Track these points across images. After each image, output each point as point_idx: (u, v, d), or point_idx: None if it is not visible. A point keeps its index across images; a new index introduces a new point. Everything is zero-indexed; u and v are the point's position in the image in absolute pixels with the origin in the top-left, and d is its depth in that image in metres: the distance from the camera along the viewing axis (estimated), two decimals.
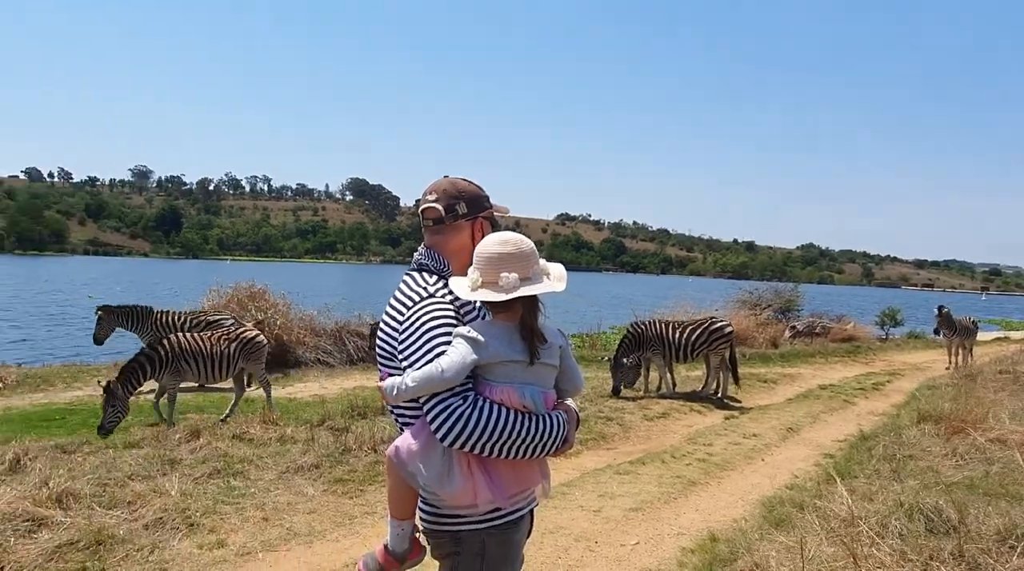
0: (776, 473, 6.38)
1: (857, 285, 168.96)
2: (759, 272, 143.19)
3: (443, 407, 1.77)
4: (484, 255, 1.89)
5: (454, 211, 2.03)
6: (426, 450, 1.84)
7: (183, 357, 7.84)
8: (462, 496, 1.82)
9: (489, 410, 1.78)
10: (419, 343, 1.86)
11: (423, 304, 1.92)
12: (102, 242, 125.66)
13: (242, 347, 8.37)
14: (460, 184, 2.07)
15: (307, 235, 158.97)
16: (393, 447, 1.90)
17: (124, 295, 35.18)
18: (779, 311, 22.45)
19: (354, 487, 5.43)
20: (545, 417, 1.86)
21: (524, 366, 1.84)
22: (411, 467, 1.85)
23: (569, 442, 1.93)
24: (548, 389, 1.91)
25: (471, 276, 1.89)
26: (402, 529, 2.01)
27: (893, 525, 4.11)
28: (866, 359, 16.97)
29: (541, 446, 1.84)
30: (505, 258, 1.87)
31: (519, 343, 1.85)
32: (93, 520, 4.30)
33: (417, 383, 1.78)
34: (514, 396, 1.81)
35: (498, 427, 1.77)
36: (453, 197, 2.04)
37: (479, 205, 2.07)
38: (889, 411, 9.69)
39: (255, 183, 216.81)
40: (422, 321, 1.88)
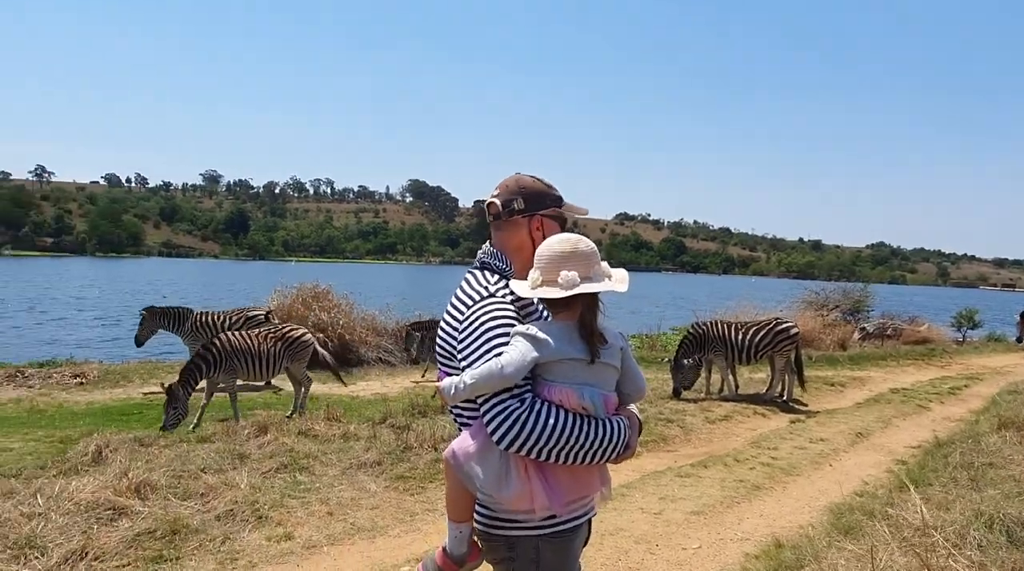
0: (845, 479, 6.17)
1: (931, 285, 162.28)
2: (826, 272, 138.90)
3: (499, 408, 1.73)
4: (544, 254, 1.86)
5: (510, 206, 1.99)
6: (483, 452, 1.80)
7: (234, 355, 8.07)
8: (519, 501, 1.78)
9: (547, 414, 1.73)
10: (478, 342, 1.82)
11: (483, 303, 1.89)
12: (175, 244, 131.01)
13: (287, 346, 8.53)
14: (524, 180, 2.03)
15: (368, 236, 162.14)
16: (450, 449, 1.87)
17: (195, 296, 36.58)
18: (847, 312, 21.73)
19: (415, 484, 5.51)
20: (605, 422, 1.80)
21: (584, 365, 1.80)
22: (467, 469, 1.82)
23: (631, 448, 1.87)
24: (609, 392, 1.87)
25: (532, 275, 1.86)
26: (460, 532, 1.97)
27: (971, 536, 3.92)
28: (941, 362, 16.27)
29: (600, 452, 1.78)
30: (565, 257, 1.84)
31: (579, 342, 1.81)
32: (169, 510, 4.48)
33: (475, 381, 1.75)
34: (573, 397, 1.77)
35: (555, 431, 1.72)
36: (513, 193, 2.00)
37: (539, 202, 2.01)
38: (967, 417, 9.25)
39: (318, 186, 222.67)
40: (481, 320, 1.85)
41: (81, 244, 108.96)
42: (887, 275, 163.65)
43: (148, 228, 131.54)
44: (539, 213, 2.01)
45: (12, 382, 10.65)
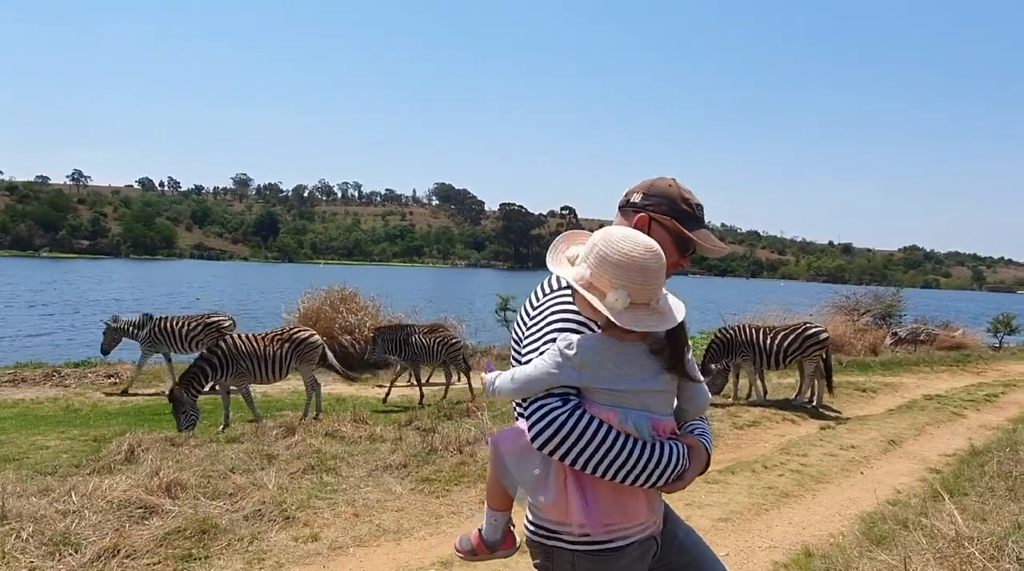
0: (876, 487, 6.05)
1: (966, 289, 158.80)
2: (857, 276, 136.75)
3: (538, 405, 1.61)
4: (601, 249, 1.60)
5: (628, 198, 1.91)
6: (525, 452, 1.69)
7: (240, 358, 8.03)
8: (554, 509, 1.68)
9: (588, 421, 1.59)
10: (538, 335, 1.71)
11: (556, 295, 1.76)
12: (206, 247, 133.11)
13: (295, 347, 8.46)
14: (659, 181, 1.91)
15: (395, 239, 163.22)
16: (495, 438, 1.78)
17: (229, 298, 37.13)
18: (879, 317, 21.36)
19: (440, 487, 5.52)
20: (657, 445, 1.64)
21: (633, 393, 1.62)
22: (507, 462, 1.72)
23: (683, 481, 1.69)
24: (661, 415, 1.68)
25: (579, 269, 1.63)
26: (495, 519, 1.93)
27: (1010, 548, 3.82)
28: (977, 368, 15.90)
29: (645, 475, 1.62)
30: (622, 271, 1.57)
31: (631, 368, 1.61)
32: (198, 509, 4.55)
33: (499, 384, 1.68)
34: (613, 419, 1.61)
35: (594, 441, 1.58)
36: (641, 188, 1.91)
37: (659, 204, 1.85)
38: (1004, 425, 9.02)
39: (346, 189, 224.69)
40: (549, 313, 1.74)
41: (116, 246, 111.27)
42: (920, 279, 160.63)
43: (180, 231, 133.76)
44: (648, 211, 1.86)
45: (49, 381, 10.91)
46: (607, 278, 1.57)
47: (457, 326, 14.32)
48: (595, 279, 1.59)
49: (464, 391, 11.06)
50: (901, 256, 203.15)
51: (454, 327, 14.19)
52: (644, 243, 1.61)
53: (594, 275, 1.59)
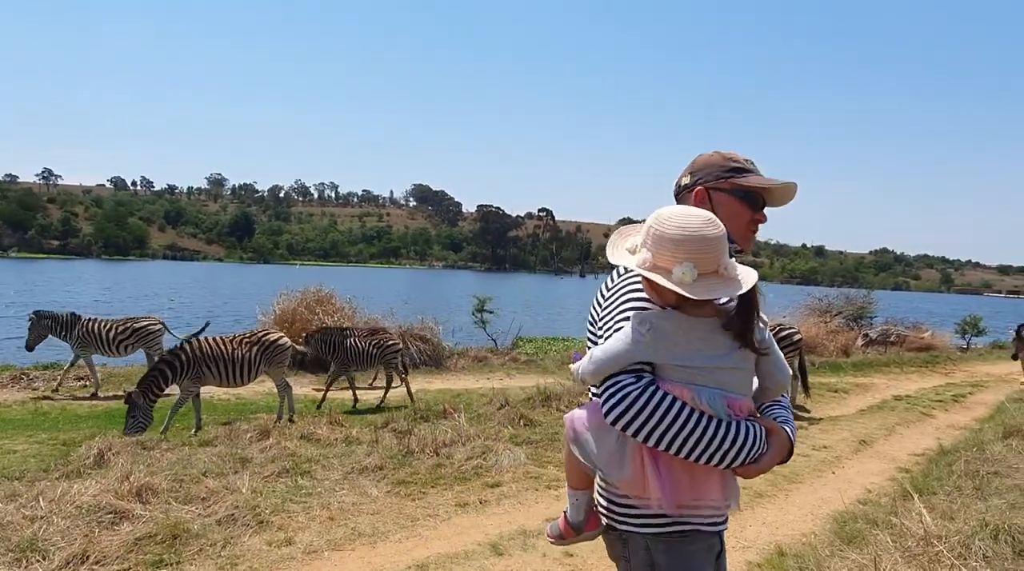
0: (848, 487, 6.14)
1: (935, 292, 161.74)
2: (829, 278, 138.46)
3: (611, 382, 1.60)
4: (659, 233, 1.59)
5: (679, 184, 1.91)
6: (604, 427, 1.66)
7: (204, 361, 7.78)
8: (632, 485, 1.67)
9: (660, 397, 1.57)
10: (613, 315, 1.71)
11: (627, 278, 1.75)
12: (180, 247, 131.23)
13: (264, 350, 8.25)
14: (701, 156, 1.90)
15: (372, 240, 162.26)
16: (571, 416, 1.76)
17: (203, 300, 36.68)
18: (851, 318, 21.69)
19: (416, 489, 5.50)
20: (733, 423, 1.60)
21: (707, 370, 1.61)
22: (583, 441, 1.71)
23: (760, 465, 1.65)
24: (738, 395, 1.66)
25: (641, 254, 1.62)
26: (576, 499, 1.90)
27: (976, 546, 3.90)
28: (945, 369, 16.21)
29: (720, 454, 1.59)
30: (678, 241, 1.56)
31: (705, 344, 1.60)
32: (170, 514, 4.48)
33: (582, 368, 1.68)
34: (687, 396, 1.59)
35: (667, 417, 1.56)
36: (684, 173, 1.90)
37: (706, 174, 1.85)
38: (971, 425, 9.21)
39: (323, 190, 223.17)
40: (625, 293, 1.72)
41: (87, 246, 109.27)
42: (890, 281, 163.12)
43: (153, 231, 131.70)
44: (701, 184, 1.85)
45: (17, 384, 10.68)
46: (669, 255, 1.56)
47: (435, 328, 14.28)
48: (658, 259, 1.58)
49: (400, 396, 11.01)
50: (872, 259, 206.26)
51: (432, 329, 14.17)
52: (696, 213, 1.61)
53: (656, 256, 1.58)
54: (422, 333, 14.00)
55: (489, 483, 5.73)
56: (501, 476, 5.90)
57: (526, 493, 5.56)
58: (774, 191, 1.85)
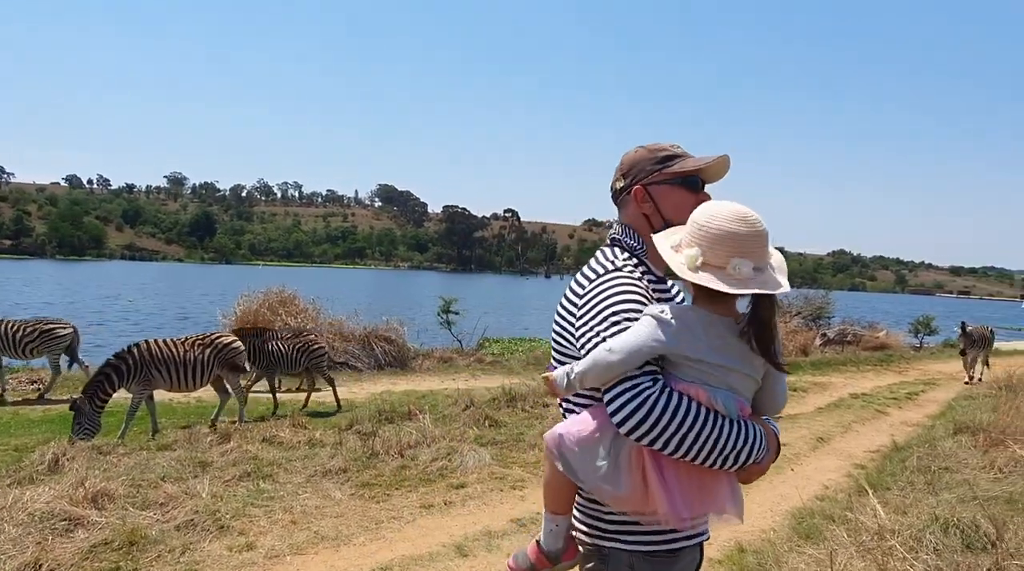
0: (806, 484, 6.28)
1: (890, 292, 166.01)
2: (789, 278, 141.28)
3: (627, 387, 1.49)
4: (711, 228, 1.54)
5: (614, 189, 1.85)
6: (595, 438, 1.57)
7: (153, 364, 7.49)
8: (631, 500, 1.55)
9: (680, 398, 1.49)
10: (596, 320, 1.60)
11: (607, 277, 1.67)
12: (138, 247, 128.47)
13: (217, 353, 7.97)
14: (627, 155, 1.84)
15: (337, 241, 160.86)
16: (554, 433, 1.63)
17: (164, 301, 35.94)
18: (809, 318, 22.17)
19: (381, 491, 5.47)
20: (743, 423, 1.54)
21: (722, 370, 1.54)
22: (574, 456, 1.58)
23: (762, 465, 1.59)
24: (745, 400, 1.60)
25: (688, 252, 1.56)
26: (556, 525, 1.76)
27: (927, 540, 4.03)
28: (899, 368, 16.66)
29: (734, 455, 1.51)
30: (740, 238, 1.53)
31: (723, 342, 1.55)
32: (127, 520, 4.39)
33: (584, 369, 1.54)
34: (703, 396, 1.52)
35: (688, 417, 1.47)
36: (617, 172, 1.84)
37: (637, 172, 1.80)
38: (923, 422, 9.49)
39: (286, 190, 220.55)
40: (604, 296, 1.62)
41: (41, 246, 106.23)
42: (848, 282, 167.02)
43: (110, 230, 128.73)
44: (639, 183, 1.79)
45: None
46: (723, 251, 1.52)
47: (399, 329, 14.21)
48: (710, 257, 1.53)
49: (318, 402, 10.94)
50: (830, 260, 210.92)
51: (396, 330, 14.09)
52: (745, 212, 1.57)
53: (707, 254, 1.53)
54: (387, 334, 13.92)
55: (454, 484, 5.73)
56: (466, 477, 5.90)
57: (491, 494, 5.57)
58: (709, 169, 1.81)
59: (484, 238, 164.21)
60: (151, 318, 26.16)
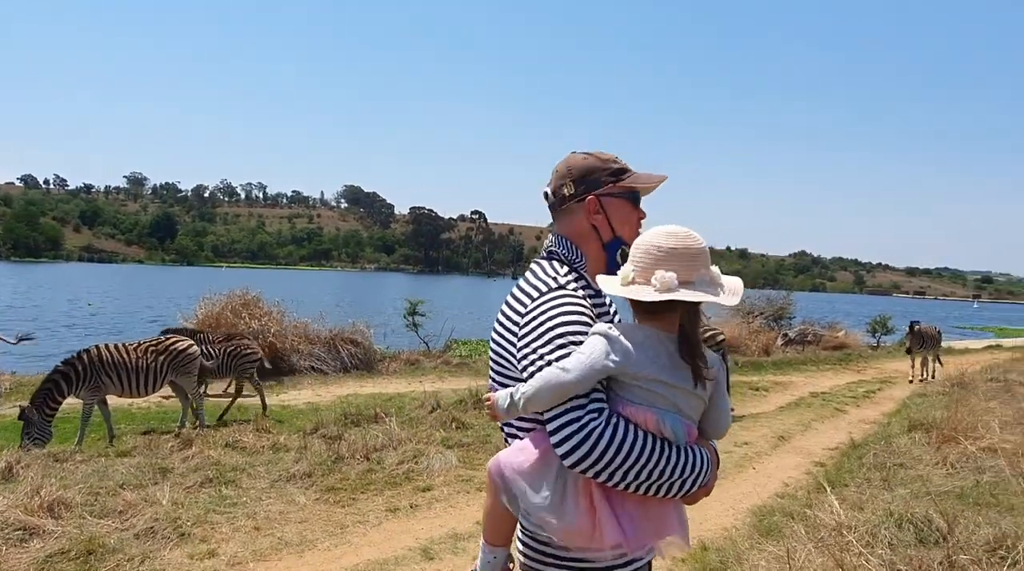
0: (767, 482, 6.40)
1: (849, 293, 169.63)
2: (752, 280, 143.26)
3: (570, 418, 1.43)
4: (640, 247, 1.57)
5: (560, 195, 1.76)
6: (539, 470, 1.51)
7: (103, 370, 7.29)
8: (579, 534, 1.48)
9: (625, 430, 1.43)
10: (541, 341, 1.53)
11: (550, 296, 1.60)
12: (97, 249, 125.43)
13: (171, 359, 7.77)
14: (573, 160, 1.77)
15: (302, 242, 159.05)
16: (496, 461, 1.58)
17: (122, 304, 35.14)
18: (771, 319, 22.55)
19: (346, 496, 5.44)
20: (689, 449, 1.50)
21: (670, 390, 1.51)
22: (517, 488, 1.53)
23: (708, 487, 1.56)
24: (692, 422, 1.56)
25: (624, 270, 1.57)
26: (495, 556, 1.70)
27: (882, 534, 4.14)
28: (857, 367, 17.05)
29: (680, 483, 1.48)
30: (664, 253, 1.53)
31: (671, 360, 1.51)
32: (84, 529, 4.30)
33: (533, 392, 1.47)
34: (651, 421, 1.47)
35: (634, 452, 1.42)
36: (562, 178, 1.76)
37: (591, 182, 1.74)
38: (880, 419, 9.73)
39: (250, 190, 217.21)
40: (548, 316, 1.55)
41: None
42: (808, 283, 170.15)
43: (68, 232, 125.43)
44: (593, 193, 1.74)
45: None
46: (650, 264, 1.53)
47: (366, 331, 14.11)
48: (640, 274, 1.54)
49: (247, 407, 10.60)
50: (792, 261, 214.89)
51: (363, 332, 13.99)
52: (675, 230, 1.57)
53: (637, 270, 1.54)
54: (353, 336, 13.82)
55: (420, 487, 5.71)
56: (432, 480, 5.90)
57: (457, 496, 5.57)
58: (648, 185, 1.81)
59: (451, 239, 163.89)
60: (115, 322, 25.57)
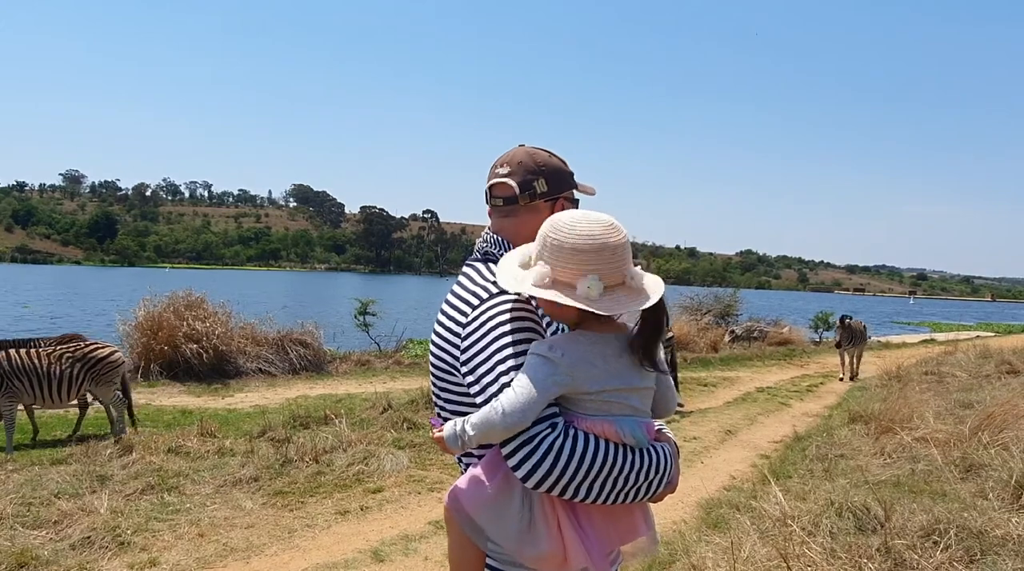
0: (714, 475, 6.53)
1: (793, 290, 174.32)
2: (700, 278, 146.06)
3: (524, 438, 1.35)
4: (559, 241, 1.39)
5: (531, 189, 1.62)
6: (499, 498, 1.41)
7: (14, 375, 6.84)
8: (550, 560, 1.40)
9: (584, 440, 1.36)
10: (487, 353, 1.44)
11: (492, 302, 1.50)
12: (31, 250, 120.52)
13: (88, 368, 7.23)
14: (540, 156, 1.66)
15: (250, 242, 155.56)
16: (452, 494, 1.47)
17: (64, 305, 33.86)
18: (719, 316, 22.99)
19: (294, 499, 5.34)
20: (651, 449, 1.44)
21: (623, 394, 1.42)
22: (479, 520, 1.43)
23: (673, 483, 1.51)
24: (647, 417, 1.49)
25: (539, 270, 1.40)
26: None
27: (824, 524, 4.26)
28: (801, 362, 17.52)
29: (647, 486, 1.43)
30: (590, 252, 1.38)
31: (619, 363, 1.42)
32: (15, 541, 4.13)
33: (476, 433, 1.37)
34: (610, 431, 1.39)
35: (596, 462, 1.35)
36: (531, 172, 1.62)
37: (563, 182, 1.66)
38: (822, 412, 10.03)
39: (195, 189, 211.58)
40: (492, 324, 1.46)
41: None
42: (754, 281, 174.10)
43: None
44: (562, 195, 1.66)
45: None
46: (572, 268, 1.38)
47: (315, 332, 13.87)
48: (559, 274, 1.38)
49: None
50: (739, 260, 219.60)
51: (312, 333, 13.75)
52: (598, 219, 1.42)
53: (556, 270, 1.38)
54: (302, 337, 13.56)
55: (371, 489, 5.65)
56: (383, 481, 5.83)
57: (409, 497, 5.52)
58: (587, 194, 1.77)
59: (403, 239, 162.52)
60: (52, 324, 24.56)
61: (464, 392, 1.51)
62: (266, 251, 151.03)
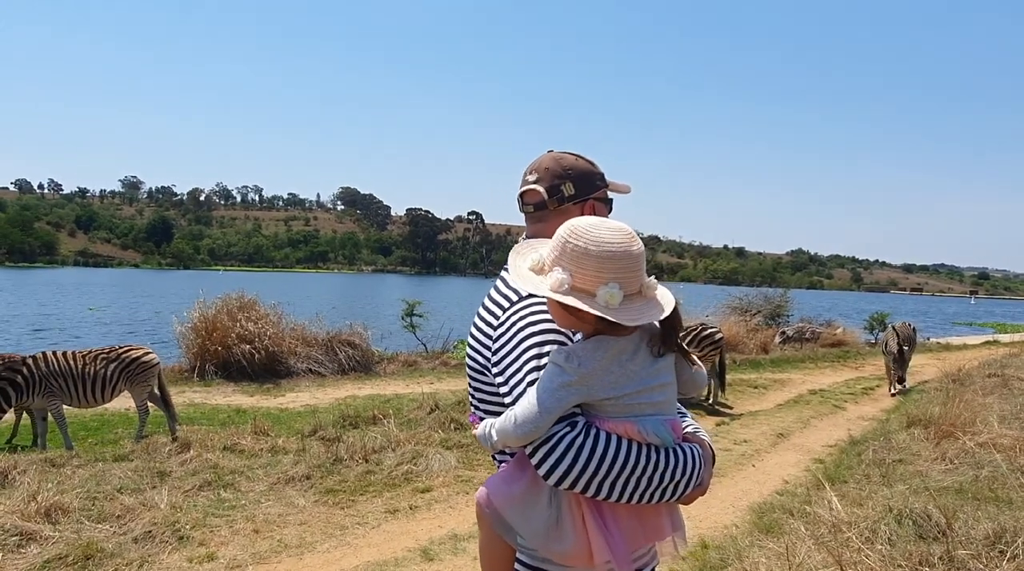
0: (767, 479, 6.40)
1: (846, 290, 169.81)
2: (749, 278, 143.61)
3: (546, 436, 1.37)
4: (578, 246, 1.39)
5: (559, 193, 1.66)
6: (527, 496, 1.44)
7: (52, 377, 7.03)
8: (576, 556, 1.42)
9: (606, 438, 1.37)
10: (515, 355, 1.47)
11: (522, 305, 1.53)
12: (92, 253, 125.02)
13: (123, 368, 7.43)
14: (567, 160, 1.69)
15: (298, 245, 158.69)
16: (483, 491, 1.50)
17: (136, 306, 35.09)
18: (769, 317, 22.52)
19: (345, 497, 5.42)
20: (677, 449, 1.44)
21: (644, 395, 1.42)
22: (506, 517, 1.46)
23: (703, 486, 1.50)
24: (672, 415, 1.49)
25: (556, 274, 1.39)
26: None
27: (882, 531, 4.14)
28: (855, 364, 17.04)
29: (672, 487, 1.42)
30: (607, 259, 1.38)
31: (639, 365, 1.42)
32: (82, 534, 4.28)
33: (499, 438, 1.41)
34: (632, 431, 1.39)
35: (619, 460, 1.36)
36: (558, 176, 1.66)
37: (590, 185, 1.69)
38: (878, 416, 9.74)
39: (246, 193, 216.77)
40: (520, 326, 1.49)
41: None
42: (806, 281, 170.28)
43: (63, 236, 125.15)
44: (591, 197, 1.69)
45: None
46: (592, 275, 1.37)
47: (363, 333, 14.07)
48: (578, 280, 1.37)
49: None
50: (789, 259, 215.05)
51: (360, 334, 13.95)
52: (619, 227, 1.42)
53: (576, 276, 1.38)
54: (350, 338, 13.77)
55: (420, 488, 5.70)
56: (432, 481, 5.88)
57: (457, 497, 5.56)
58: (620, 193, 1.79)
59: (448, 241, 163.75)
60: (121, 326, 25.47)
61: (495, 392, 1.55)
62: (315, 253, 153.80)
